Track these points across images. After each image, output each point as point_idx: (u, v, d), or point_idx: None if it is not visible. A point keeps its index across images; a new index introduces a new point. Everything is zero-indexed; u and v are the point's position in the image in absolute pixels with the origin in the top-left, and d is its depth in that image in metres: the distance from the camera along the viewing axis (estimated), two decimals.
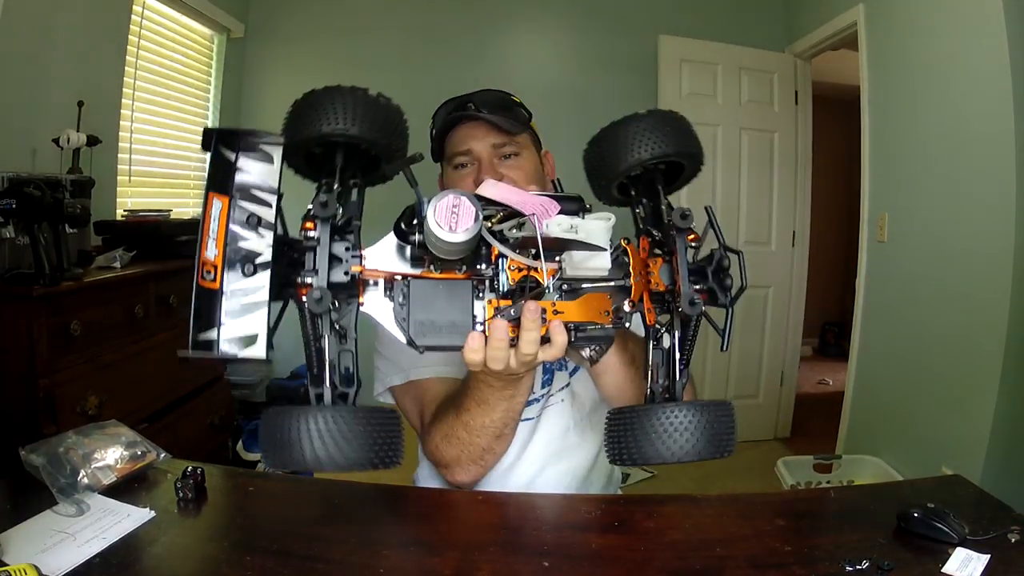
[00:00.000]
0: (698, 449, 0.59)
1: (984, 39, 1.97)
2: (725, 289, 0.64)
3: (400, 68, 3.34)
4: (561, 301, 0.64)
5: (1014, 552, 0.76)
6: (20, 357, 1.50)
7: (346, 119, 0.61)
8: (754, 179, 3.27)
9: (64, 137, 1.88)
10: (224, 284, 0.53)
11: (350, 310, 0.62)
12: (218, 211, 0.54)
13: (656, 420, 0.59)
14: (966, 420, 2.06)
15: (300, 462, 0.53)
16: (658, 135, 0.68)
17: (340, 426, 0.54)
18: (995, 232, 1.95)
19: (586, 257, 0.63)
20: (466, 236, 0.56)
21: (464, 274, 0.62)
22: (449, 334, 0.62)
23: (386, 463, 0.57)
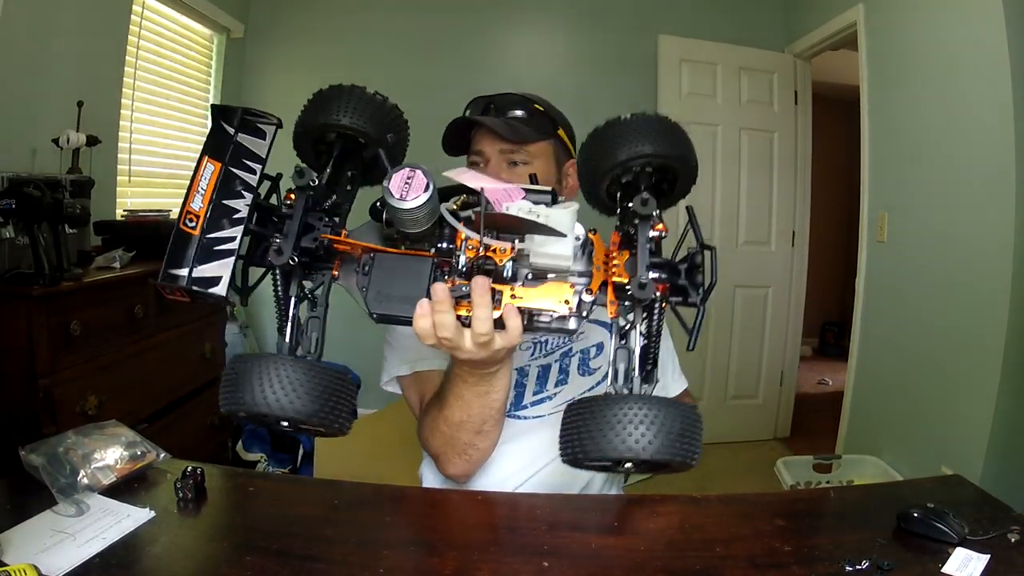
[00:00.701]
0: (655, 447, 0.55)
1: (984, 39, 1.97)
2: (697, 286, 0.63)
3: (400, 68, 3.34)
4: (521, 287, 0.64)
5: (1014, 552, 0.76)
6: (20, 357, 1.50)
7: (341, 112, 0.67)
8: (754, 179, 3.27)
9: (64, 137, 1.88)
10: (202, 233, 0.60)
11: (323, 280, 0.66)
12: (209, 173, 0.61)
13: (611, 411, 0.57)
14: (966, 420, 2.06)
15: (251, 404, 0.57)
16: (639, 137, 0.66)
17: (291, 375, 0.57)
18: (995, 232, 1.95)
19: (546, 242, 0.63)
20: (414, 204, 0.59)
21: (430, 254, 0.65)
22: (402, 305, 0.64)
23: (331, 425, 0.59)
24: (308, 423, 0.58)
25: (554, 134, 1.13)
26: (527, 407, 1.10)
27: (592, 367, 1.13)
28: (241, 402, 0.57)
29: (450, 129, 1.10)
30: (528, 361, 1.11)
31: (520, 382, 1.10)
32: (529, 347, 1.10)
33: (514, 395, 1.09)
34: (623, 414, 0.56)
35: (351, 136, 0.69)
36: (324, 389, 0.58)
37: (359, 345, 3.43)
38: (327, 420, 0.58)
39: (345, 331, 3.33)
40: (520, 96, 1.11)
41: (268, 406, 0.56)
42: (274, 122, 0.67)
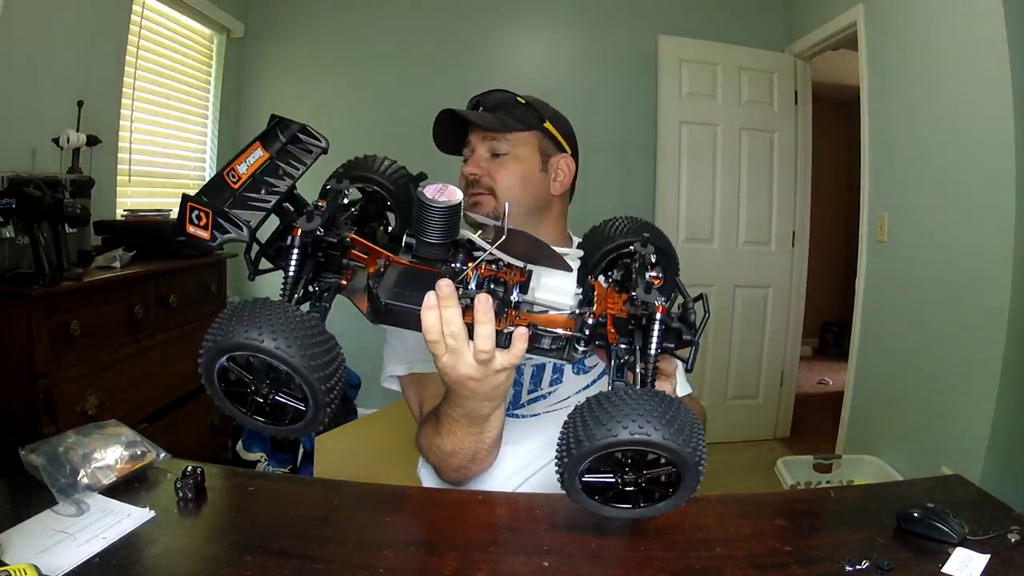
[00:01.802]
0: (654, 426, 0.55)
1: (984, 39, 1.97)
2: (691, 325, 0.66)
3: (399, 68, 3.35)
4: (526, 313, 0.68)
5: (1014, 552, 0.76)
6: (20, 357, 1.50)
7: (380, 171, 0.80)
8: (754, 179, 3.27)
9: (64, 137, 1.88)
10: (241, 188, 0.66)
11: (332, 286, 0.68)
12: (256, 157, 0.68)
13: (611, 396, 0.58)
14: (966, 420, 2.06)
15: (240, 333, 0.56)
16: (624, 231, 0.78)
17: (287, 315, 0.58)
18: (995, 232, 1.95)
19: (552, 277, 0.67)
20: (447, 200, 0.63)
21: (442, 271, 0.67)
22: (410, 299, 0.65)
23: (322, 386, 0.57)
24: (298, 370, 0.56)
25: (539, 127, 1.15)
26: (523, 405, 1.10)
27: (587, 365, 1.13)
28: (233, 334, 0.56)
29: (444, 126, 1.14)
30: (523, 359, 1.11)
31: (517, 380, 1.10)
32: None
33: (511, 394, 1.09)
34: (621, 397, 0.58)
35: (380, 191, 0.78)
36: (322, 345, 0.58)
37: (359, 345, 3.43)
38: (320, 378, 0.57)
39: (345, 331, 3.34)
40: (504, 91, 1.15)
41: (261, 341, 0.55)
42: (322, 146, 0.75)
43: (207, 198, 0.63)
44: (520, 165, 1.13)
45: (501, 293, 0.66)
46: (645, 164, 3.25)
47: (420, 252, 0.67)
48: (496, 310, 0.65)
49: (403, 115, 3.37)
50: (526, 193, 1.14)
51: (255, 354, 0.56)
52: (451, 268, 0.67)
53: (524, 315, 0.67)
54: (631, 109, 3.32)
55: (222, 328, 0.58)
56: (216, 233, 0.62)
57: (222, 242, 0.63)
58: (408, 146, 3.92)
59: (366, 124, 3.39)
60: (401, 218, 0.77)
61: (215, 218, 0.62)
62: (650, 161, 3.22)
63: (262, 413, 0.61)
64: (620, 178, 3.33)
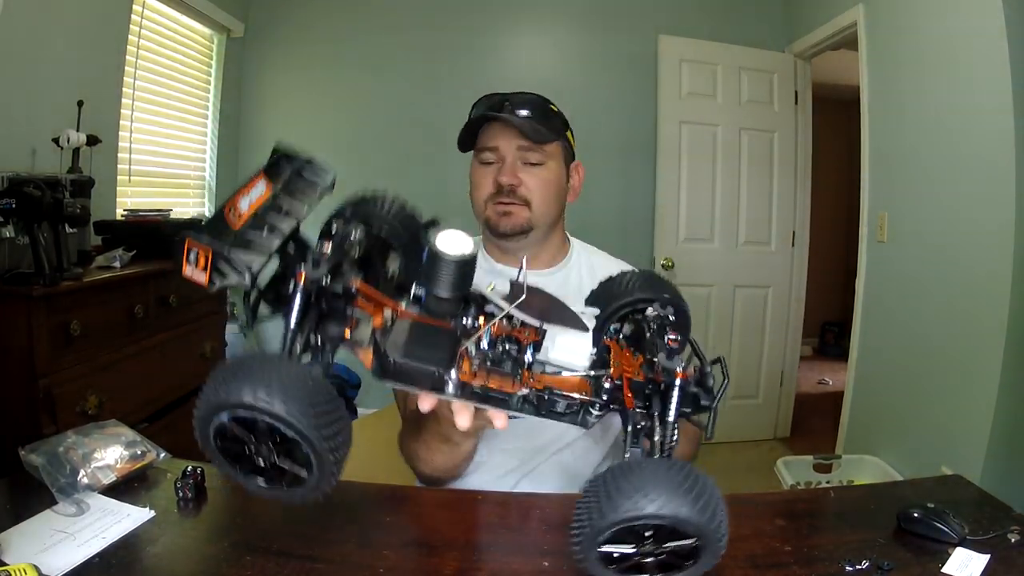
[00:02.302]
0: (681, 502, 0.54)
1: (984, 39, 1.97)
2: (708, 390, 0.64)
3: (399, 67, 3.35)
4: (540, 375, 0.65)
5: (1014, 552, 0.76)
6: (20, 357, 1.50)
7: (383, 218, 0.72)
8: (754, 179, 3.27)
9: (64, 137, 1.88)
10: (243, 228, 0.60)
11: (334, 337, 0.63)
12: (260, 192, 0.63)
13: (634, 467, 0.57)
14: (966, 420, 2.06)
15: (247, 392, 0.52)
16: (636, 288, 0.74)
17: (297, 375, 0.53)
18: (995, 232, 1.95)
19: (567, 338, 0.65)
20: (462, 254, 0.60)
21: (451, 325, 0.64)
22: (422, 358, 0.61)
23: (325, 446, 0.53)
24: (307, 437, 0.53)
25: (563, 135, 1.13)
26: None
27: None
28: (232, 392, 0.52)
29: (466, 125, 1.10)
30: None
31: None
32: None
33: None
34: (646, 473, 0.56)
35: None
36: (332, 412, 0.54)
37: None
38: (328, 448, 0.54)
39: None
40: (536, 95, 1.11)
41: (264, 400, 0.52)
42: (330, 181, 0.68)
43: (210, 232, 0.59)
44: (553, 176, 1.12)
45: (515, 352, 0.64)
46: (645, 164, 3.25)
47: (430, 305, 0.63)
48: (510, 371, 0.63)
49: (403, 115, 3.38)
50: (555, 205, 1.13)
51: (260, 416, 0.52)
52: (463, 324, 0.63)
53: (539, 377, 0.64)
54: (631, 109, 3.32)
55: (224, 382, 0.53)
56: (215, 278, 0.58)
57: (221, 287, 0.59)
58: (408, 145, 3.93)
59: (366, 124, 3.40)
60: (407, 265, 0.73)
61: (215, 260, 0.58)
62: (650, 161, 3.22)
63: (261, 475, 0.58)
64: (620, 178, 3.33)
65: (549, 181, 1.11)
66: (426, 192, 3.34)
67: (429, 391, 0.63)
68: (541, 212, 1.11)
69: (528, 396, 0.63)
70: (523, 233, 1.11)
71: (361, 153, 3.41)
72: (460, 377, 0.62)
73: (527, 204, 1.09)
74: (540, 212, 1.11)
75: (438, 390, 0.62)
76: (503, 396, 0.63)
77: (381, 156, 3.39)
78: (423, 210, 0.74)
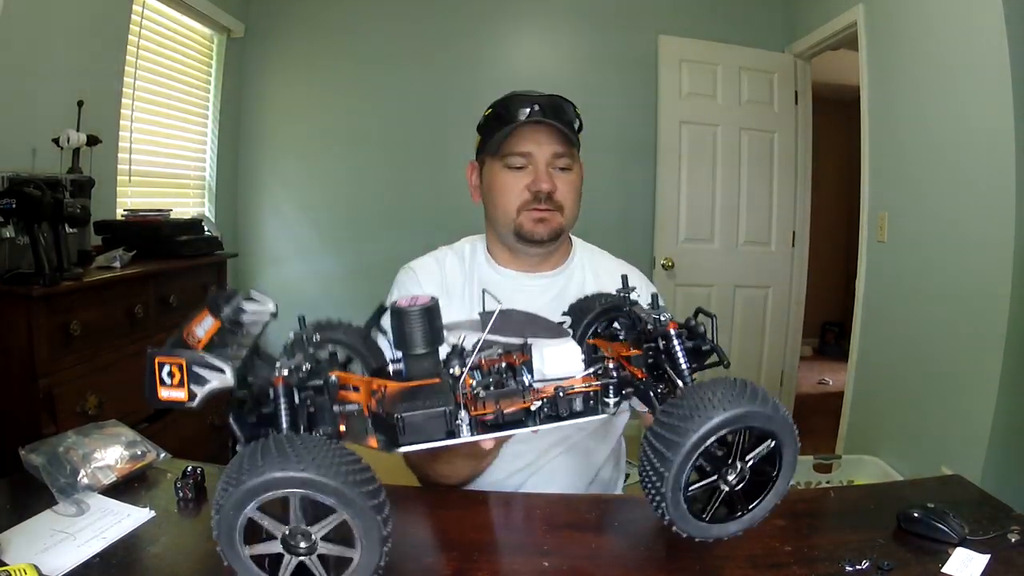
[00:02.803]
0: (739, 401, 0.56)
1: (984, 39, 1.97)
2: (702, 335, 0.65)
3: (399, 67, 3.34)
4: (545, 387, 0.65)
5: (1014, 552, 0.76)
6: (20, 357, 1.50)
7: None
8: (754, 179, 3.27)
9: (64, 137, 1.88)
10: (203, 349, 0.57)
11: (330, 435, 0.61)
12: (209, 324, 0.59)
13: (677, 400, 0.58)
14: (966, 420, 2.06)
15: (275, 469, 0.51)
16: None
17: (317, 443, 0.53)
18: (995, 232, 1.95)
19: (554, 352, 0.65)
20: (423, 304, 0.62)
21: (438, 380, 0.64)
22: (427, 408, 0.61)
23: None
24: (349, 499, 0.52)
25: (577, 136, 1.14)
26: None
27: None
28: (257, 475, 0.52)
29: (497, 127, 1.08)
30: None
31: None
32: None
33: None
34: (693, 396, 0.57)
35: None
36: (364, 472, 0.54)
37: None
38: (374, 506, 0.53)
39: None
40: (559, 97, 1.10)
41: (296, 470, 0.51)
42: (271, 310, 0.66)
43: (176, 346, 0.57)
44: (579, 179, 1.13)
45: (513, 377, 0.64)
46: (645, 164, 3.25)
47: (412, 368, 0.64)
48: (517, 389, 0.63)
49: (403, 115, 3.38)
50: (579, 207, 1.14)
51: (293, 490, 0.50)
52: (450, 375, 0.63)
53: (545, 388, 0.64)
54: (631, 109, 3.31)
55: (245, 470, 0.52)
56: (194, 389, 0.56)
57: (203, 399, 0.56)
58: (408, 145, 3.93)
59: (366, 124, 3.40)
60: (369, 367, 0.73)
61: (190, 368, 0.55)
62: (650, 161, 3.22)
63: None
64: (620, 178, 3.33)
65: (576, 185, 1.12)
66: (426, 191, 3.35)
67: (445, 439, 0.61)
68: (571, 216, 1.12)
69: (543, 407, 0.63)
70: (556, 238, 1.12)
71: (360, 153, 3.41)
72: (471, 414, 0.61)
73: (560, 209, 1.10)
74: (570, 216, 1.12)
75: (454, 435, 0.61)
76: (519, 416, 0.62)
77: (381, 156, 3.39)
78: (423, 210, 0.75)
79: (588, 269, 1.19)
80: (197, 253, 2.16)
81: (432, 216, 3.24)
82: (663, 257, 3.17)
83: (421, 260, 1.20)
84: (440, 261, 1.19)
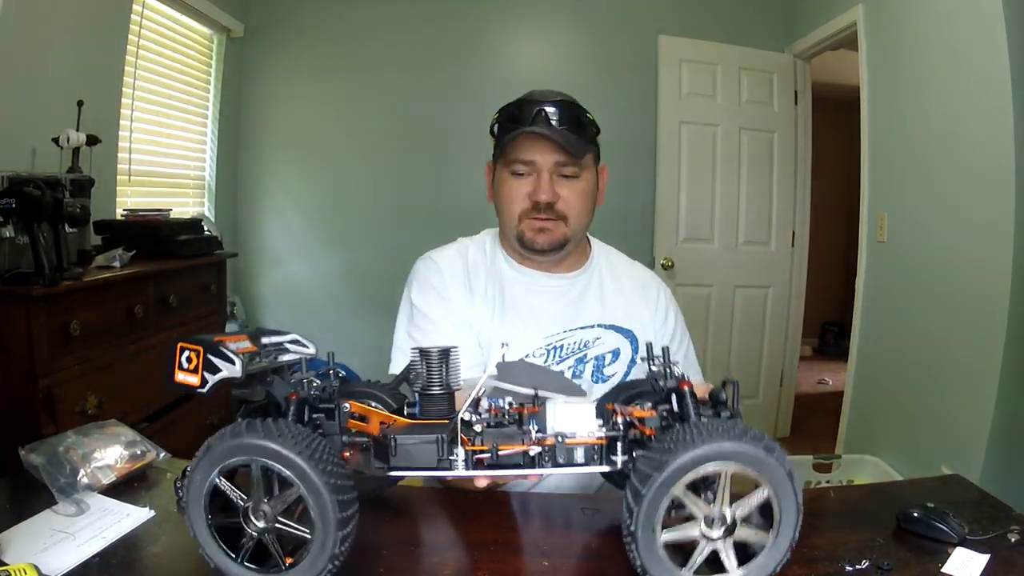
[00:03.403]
0: (725, 438, 0.55)
1: (983, 39, 1.97)
2: (723, 402, 0.65)
3: (399, 68, 3.34)
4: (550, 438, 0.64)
5: (1014, 552, 0.76)
6: (20, 357, 1.50)
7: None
8: (753, 179, 3.27)
9: (64, 136, 1.88)
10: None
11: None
12: (244, 345, 0.64)
13: (666, 434, 0.58)
14: (965, 419, 2.06)
15: (250, 438, 0.55)
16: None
17: (300, 431, 0.57)
18: (994, 232, 1.95)
19: (570, 407, 0.64)
20: (440, 345, 0.66)
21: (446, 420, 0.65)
22: (423, 432, 0.62)
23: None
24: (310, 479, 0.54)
25: (595, 142, 1.12)
26: None
27: (606, 374, 1.12)
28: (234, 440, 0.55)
29: (505, 130, 1.06)
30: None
31: None
32: (543, 353, 1.10)
33: None
34: (683, 432, 0.56)
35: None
36: (336, 460, 0.56)
37: (356, 344, 3.43)
38: (339, 502, 0.55)
39: (342, 328, 3.34)
40: (569, 101, 1.08)
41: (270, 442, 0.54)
42: (310, 353, 0.70)
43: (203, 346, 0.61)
44: (588, 187, 1.10)
45: (518, 426, 0.64)
46: (645, 164, 3.25)
47: (425, 410, 0.66)
48: (517, 432, 0.63)
49: (402, 114, 3.38)
50: (589, 215, 1.12)
51: (255, 457, 0.53)
52: (460, 419, 0.63)
53: (548, 439, 0.63)
54: (631, 109, 3.31)
55: (216, 438, 0.55)
56: (207, 375, 0.59)
57: (213, 387, 0.60)
58: (408, 145, 3.92)
59: (366, 124, 3.40)
60: (389, 408, 0.75)
61: (206, 356, 0.59)
62: (650, 161, 3.22)
63: (253, 556, 0.57)
64: (620, 178, 3.29)
65: (585, 193, 1.10)
66: (425, 191, 3.35)
67: (436, 470, 0.62)
68: (577, 225, 1.10)
69: (543, 453, 0.62)
70: (559, 248, 1.10)
71: (360, 153, 3.41)
72: (467, 448, 0.61)
73: (564, 219, 1.08)
74: (576, 225, 1.10)
75: (445, 468, 0.62)
76: (518, 460, 0.62)
77: (381, 156, 3.39)
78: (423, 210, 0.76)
79: (607, 270, 1.19)
80: (197, 253, 2.16)
81: (432, 216, 3.23)
82: (663, 257, 3.17)
83: (443, 252, 1.18)
84: (462, 254, 1.16)
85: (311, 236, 3.47)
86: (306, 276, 3.45)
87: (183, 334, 2.01)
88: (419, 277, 1.14)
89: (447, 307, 1.10)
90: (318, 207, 3.48)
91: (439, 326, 1.09)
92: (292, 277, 3.46)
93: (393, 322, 1.16)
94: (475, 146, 3.15)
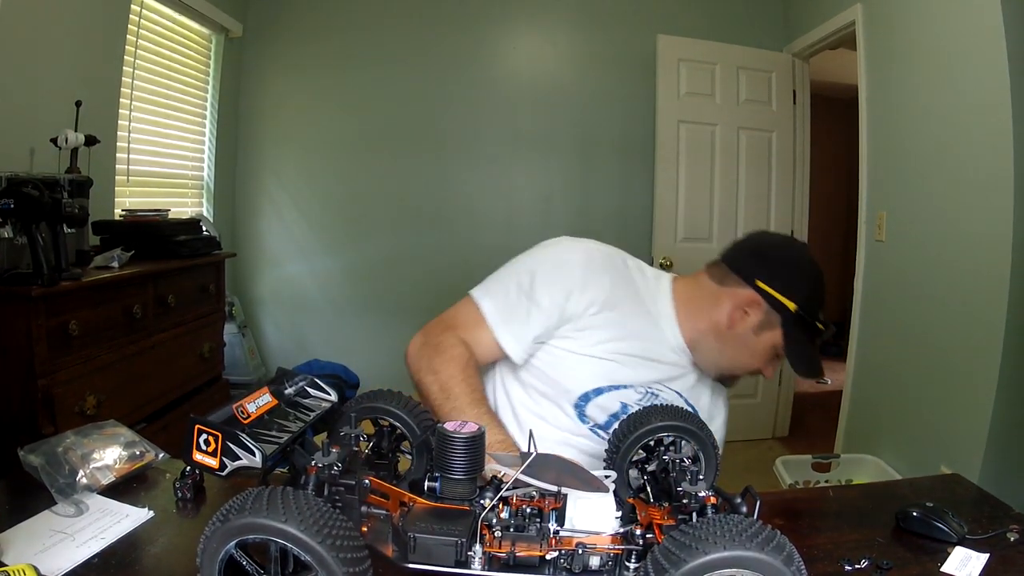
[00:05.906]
0: (747, 543, 0.53)
1: (982, 38, 1.97)
2: (744, 515, 0.62)
3: (399, 68, 3.34)
4: (568, 538, 0.63)
5: (1013, 551, 0.76)
6: (19, 357, 1.50)
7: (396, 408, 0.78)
8: (752, 179, 3.27)
9: (62, 137, 1.87)
10: (250, 425, 0.65)
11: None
12: (266, 401, 0.68)
13: (689, 528, 0.55)
14: (964, 419, 2.06)
15: (261, 515, 0.52)
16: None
17: (314, 505, 0.54)
18: (993, 231, 1.95)
19: (591, 501, 0.64)
20: (468, 432, 0.64)
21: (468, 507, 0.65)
22: (442, 534, 0.61)
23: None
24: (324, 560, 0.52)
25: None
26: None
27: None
28: (247, 516, 0.53)
29: (816, 333, 1.07)
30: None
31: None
32: (643, 392, 1.09)
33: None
34: (705, 528, 0.54)
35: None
36: (358, 549, 0.54)
37: (355, 344, 3.43)
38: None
39: (341, 327, 3.34)
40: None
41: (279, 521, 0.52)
42: (331, 400, 0.75)
43: (217, 418, 0.61)
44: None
45: (539, 520, 0.63)
46: (643, 163, 3.25)
47: (445, 491, 0.65)
48: (536, 535, 0.62)
49: (401, 114, 3.38)
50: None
51: (273, 538, 0.51)
52: (479, 505, 0.63)
53: (566, 540, 0.62)
54: (630, 108, 3.32)
55: (235, 508, 0.53)
56: (225, 460, 0.60)
57: (231, 472, 0.60)
58: (407, 145, 3.92)
59: (365, 124, 3.39)
60: (418, 463, 0.76)
61: (225, 443, 0.59)
62: (649, 160, 3.22)
63: None
64: (619, 177, 3.33)
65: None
66: (425, 191, 3.35)
67: (453, 567, 0.61)
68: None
69: (559, 559, 0.61)
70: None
71: (359, 153, 3.41)
72: (485, 548, 0.61)
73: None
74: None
75: (463, 565, 0.61)
76: (534, 562, 0.61)
77: (380, 156, 3.39)
78: (421, 210, 0.75)
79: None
80: (195, 253, 2.16)
81: (431, 216, 3.24)
82: (661, 256, 3.17)
83: (629, 260, 1.16)
84: (635, 269, 1.16)
85: (309, 236, 3.47)
86: (304, 276, 3.45)
87: (182, 334, 2.00)
88: (595, 259, 1.10)
89: (571, 308, 1.05)
90: (316, 207, 3.48)
91: (542, 315, 1.05)
92: (290, 277, 3.46)
93: (393, 322, 1.16)
94: (474, 146, 3.16)
